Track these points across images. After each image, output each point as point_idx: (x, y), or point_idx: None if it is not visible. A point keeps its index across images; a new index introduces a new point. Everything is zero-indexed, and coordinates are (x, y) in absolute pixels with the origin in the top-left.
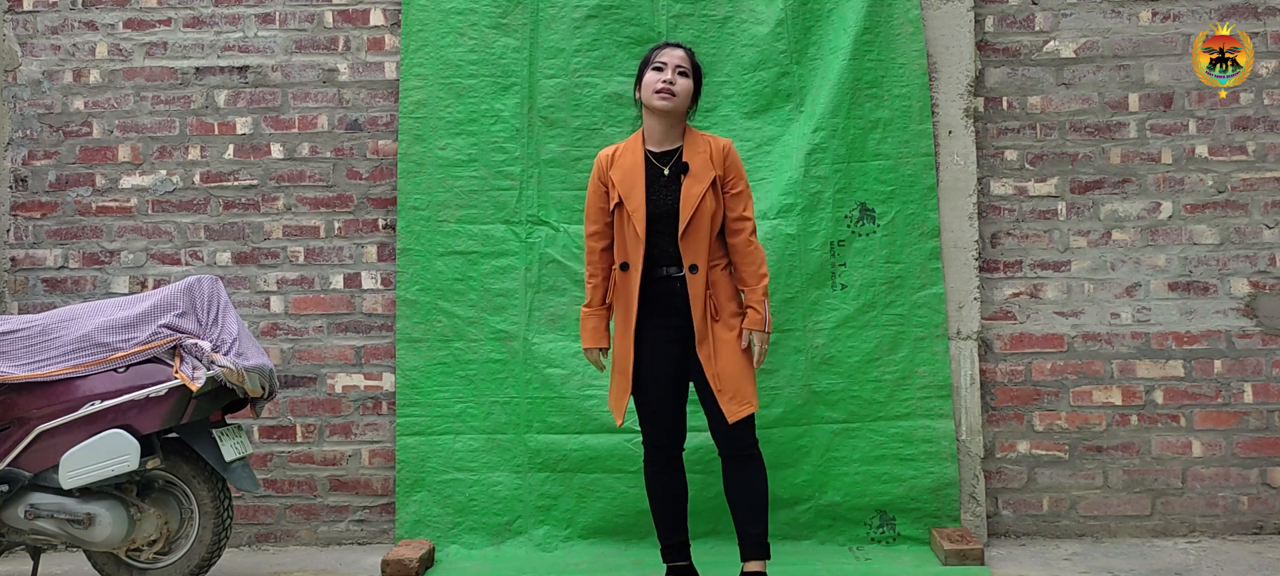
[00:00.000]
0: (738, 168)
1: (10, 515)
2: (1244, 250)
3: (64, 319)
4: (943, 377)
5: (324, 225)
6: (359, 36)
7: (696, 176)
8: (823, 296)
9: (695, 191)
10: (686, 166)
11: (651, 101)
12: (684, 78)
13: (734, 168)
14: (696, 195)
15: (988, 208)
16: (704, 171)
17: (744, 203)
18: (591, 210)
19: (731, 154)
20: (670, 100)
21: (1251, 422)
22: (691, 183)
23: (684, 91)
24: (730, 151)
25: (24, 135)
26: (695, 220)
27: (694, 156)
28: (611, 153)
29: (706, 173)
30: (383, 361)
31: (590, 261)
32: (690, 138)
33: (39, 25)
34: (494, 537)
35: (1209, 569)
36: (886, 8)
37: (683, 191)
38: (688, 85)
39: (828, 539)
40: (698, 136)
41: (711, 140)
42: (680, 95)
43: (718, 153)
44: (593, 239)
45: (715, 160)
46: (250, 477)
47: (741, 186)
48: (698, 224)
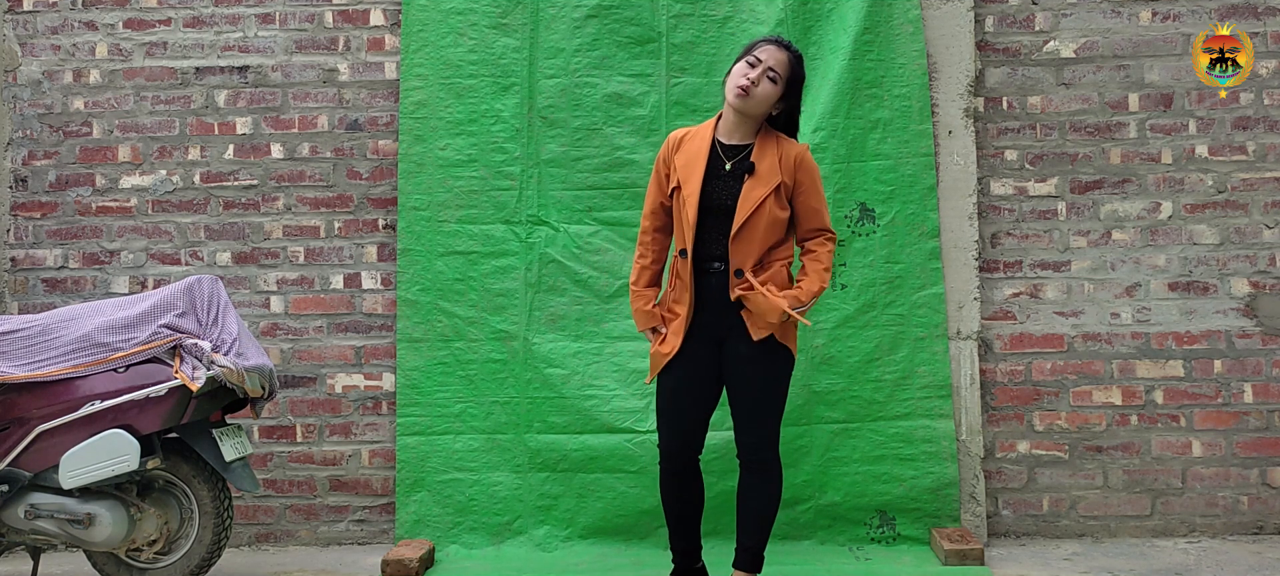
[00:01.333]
0: (812, 176)
1: (10, 515)
2: (1244, 250)
3: (64, 319)
4: (943, 377)
5: (324, 225)
6: (359, 36)
7: (762, 179)
8: (823, 296)
9: (756, 194)
10: (752, 167)
11: (727, 93)
12: (772, 84)
13: (808, 175)
14: (756, 199)
15: (988, 208)
16: (770, 175)
17: (819, 217)
18: (650, 188)
19: (805, 160)
20: (743, 100)
21: (1251, 422)
22: (754, 184)
23: (762, 98)
24: (804, 158)
25: (24, 135)
26: (751, 223)
27: (763, 158)
28: (681, 134)
29: (773, 177)
30: (383, 361)
31: (641, 242)
32: (764, 139)
33: (39, 25)
34: (494, 537)
35: (1209, 569)
36: (886, 8)
37: (743, 191)
38: (771, 92)
39: (828, 539)
40: (773, 138)
41: (786, 144)
42: (754, 100)
43: (789, 158)
44: (646, 218)
45: (785, 165)
46: (250, 477)
47: (816, 200)
48: (753, 227)
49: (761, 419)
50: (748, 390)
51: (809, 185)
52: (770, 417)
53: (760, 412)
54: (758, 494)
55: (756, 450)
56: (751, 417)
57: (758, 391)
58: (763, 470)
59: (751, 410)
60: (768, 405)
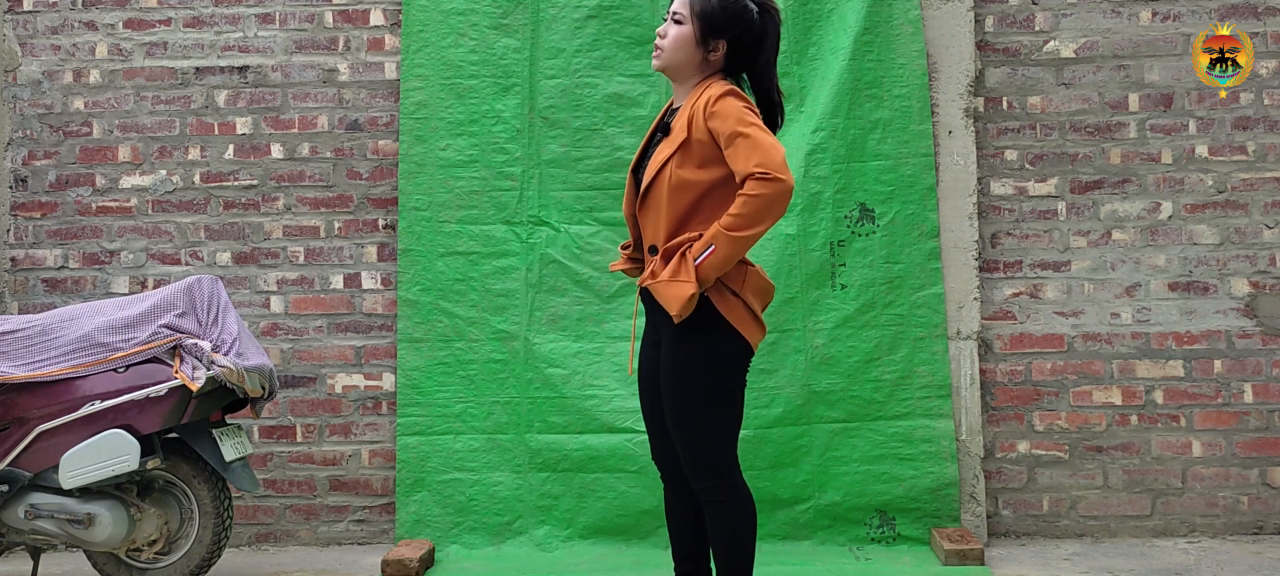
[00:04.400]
0: (723, 115)
1: (10, 515)
2: (1244, 250)
3: (64, 319)
4: (942, 377)
5: (324, 225)
6: (359, 36)
7: (671, 137)
8: (822, 296)
9: (660, 155)
10: (668, 127)
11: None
12: (678, 26)
13: (718, 118)
14: (658, 161)
15: (988, 208)
16: (678, 132)
17: (738, 158)
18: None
19: (715, 100)
20: (658, 59)
21: (1251, 422)
22: (664, 145)
23: (672, 44)
24: (714, 98)
25: (24, 135)
26: (653, 191)
27: (682, 115)
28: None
29: (680, 133)
30: (383, 361)
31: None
32: (692, 93)
33: (39, 25)
34: (494, 537)
35: (1209, 569)
36: (886, 8)
37: (654, 155)
38: (683, 35)
39: (828, 539)
40: (702, 88)
41: (708, 89)
42: (666, 50)
43: (699, 105)
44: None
45: (696, 117)
46: (250, 477)
47: (734, 142)
48: (655, 195)
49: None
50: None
51: (723, 128)
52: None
53: (679, 426)
54: (711, 531)
55: (693, 478)
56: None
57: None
58: (707, 502)
59: (671, 424)
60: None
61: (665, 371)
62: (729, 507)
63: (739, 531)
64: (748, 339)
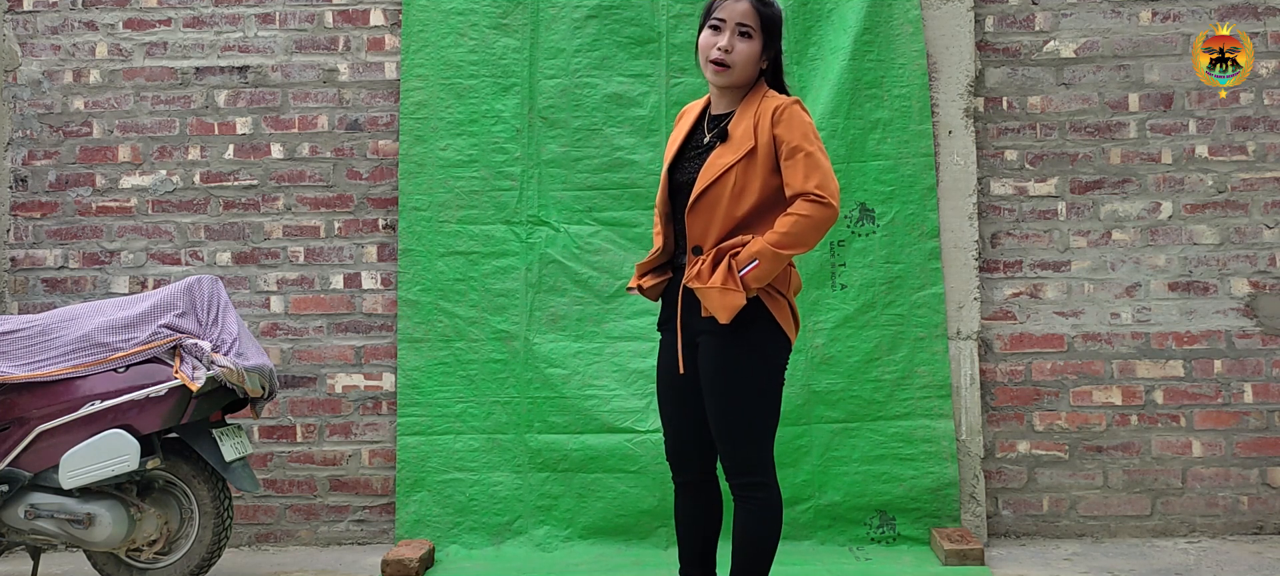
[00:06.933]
0: (791, 127)
1: (10, 515)
2: (1244, 250)
3: (64, 319)
4: (942, 377)
5: (324, 225)
6: (359, 36)
7: (733, 145)
8: (822, 296)
9: (722, 161)
10: (726, 134)
11: (705, 73)
12: (747, 40)
13: (788, 128)
14: (720, 166)
15: (988, 208)
16: (743, 141)
17: (797, 176)
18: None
19: (784, 108)
20: (725, 75)
21: (1251, 422)
22: (723, 151)
23: (743, 60)
24: (784, 110)
25: (24, 135)
26: (710, 194)
27: (740, 122)
28: (685, 110)
29: (746, 142)
30: (383, 361)
31: (655, 231)
32: (748, 101)
33: (39, 25)
34: (494, 537)
35: (1209, 569)
36: (886, 8)
37: (709, 160)
38: (750, 49)
39: (828, 539)
40: (757, 98)
41: (768, 100)
42: (737, 67)
43: (766, 115)
44: (656, 207)
45: (760, 125)
46: (250, 477)
47: (796, 158)
48: (712, 199)
49: (728, 432)
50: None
51: (788, 138)
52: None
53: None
54: (739, 527)
55: (733, 472)
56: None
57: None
58: (743, 497)
59: (716, 419)
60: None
61: (713, 371)
62: (764, 506)
63: (768, 531)
64: (789, 335)
